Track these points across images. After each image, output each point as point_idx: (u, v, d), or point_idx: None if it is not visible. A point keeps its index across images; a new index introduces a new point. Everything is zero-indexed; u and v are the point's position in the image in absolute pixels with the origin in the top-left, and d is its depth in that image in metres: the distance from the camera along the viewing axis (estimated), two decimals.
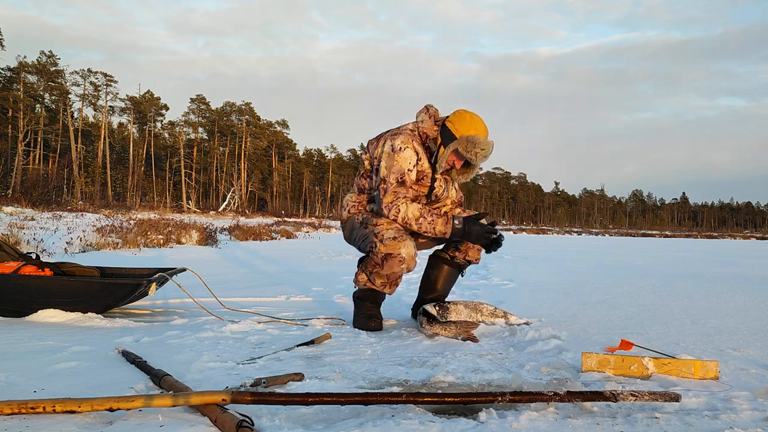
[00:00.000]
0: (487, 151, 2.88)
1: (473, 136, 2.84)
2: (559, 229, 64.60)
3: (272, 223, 25.33)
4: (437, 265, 3.19)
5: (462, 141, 2.85)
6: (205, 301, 3.50)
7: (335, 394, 1.58)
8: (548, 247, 14.54)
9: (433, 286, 3.18)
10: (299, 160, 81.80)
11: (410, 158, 2.91)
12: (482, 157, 2.88)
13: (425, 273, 3.24)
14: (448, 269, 3.18)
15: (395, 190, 2.90)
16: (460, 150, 2.87)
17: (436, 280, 3.17)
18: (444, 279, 3.18)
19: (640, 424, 1.52)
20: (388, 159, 2.92)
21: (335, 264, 7.60)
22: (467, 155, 2.87)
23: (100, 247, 8.75)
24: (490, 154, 2.91)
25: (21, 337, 2.64)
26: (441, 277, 3.17)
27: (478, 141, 2.84)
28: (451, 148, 2.88)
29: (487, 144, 2.87)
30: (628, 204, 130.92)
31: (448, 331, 2.74)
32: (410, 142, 2.93)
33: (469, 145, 2.84)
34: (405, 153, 2.91)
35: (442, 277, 3.18)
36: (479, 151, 2.86)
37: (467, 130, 2.85)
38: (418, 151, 2.95)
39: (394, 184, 2.90)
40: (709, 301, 4.04)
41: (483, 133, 2.88)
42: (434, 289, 3.17)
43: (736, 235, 65.91)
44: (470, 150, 2.85)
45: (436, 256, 3.22)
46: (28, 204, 17.08)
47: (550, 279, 5.54)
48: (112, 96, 59.50)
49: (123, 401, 1.54)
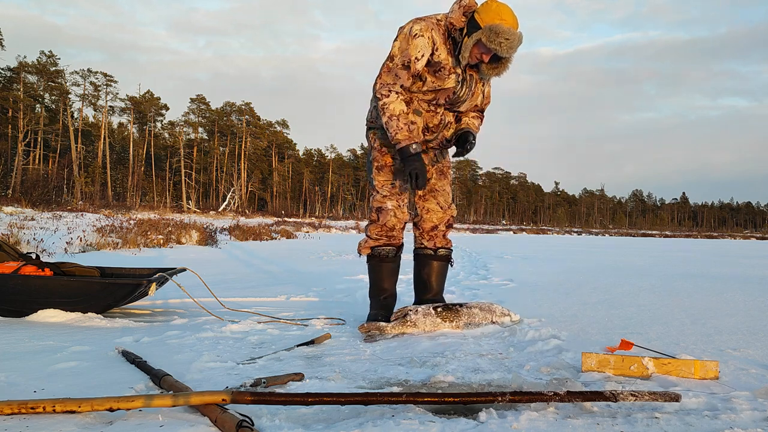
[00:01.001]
0: (512, 41, 2.73)
1: (497, 25, 2.69)
2: (559, 229, 64.60)
3: (272, 223, 25.33)
4: (426, 263, 3.18)
5: (485, 31, 2.73)
6: (205, 301, 3.50)
7: (335, 394, 1.58)
8: (548, 247, 14.54)
9: (426, 285, 3.18)
10: (299, 160, 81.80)
11: (422, 47, 2.83)
12: (507, 47, 2.74)
13: (415, 274, 3.23)
14: (438, 264, 3.18)
15: (397, 72, 2.87)
16: (483, 40, 2.73)
17: (429, 279, 3.17)
18: (436, 276, 3.18)
19: (640, 424, 1.52)
20: (403, 41, 2.86)
21: (335, 264, 7.60)
22: (490, 45, 2.73)
23: (100, 247, 8.75)
24: (516, 45, 2.77)
25: (21, 337, 2.64)
26: (433, 275, 3.17)
27: (501, 30, 2.69)
28: (473, 39, 2.77)
29: (512, 34, 2.71)
30: (628, 204, 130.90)
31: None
32: (429, 30, 2.85)
33: (492, 34, 2.70)
34: (418, 40, 2.83)
35: (434, 274, 3.17)
36: (503, 41, 2.71)
37: (492, 20, 2.71)
38: (436, 40, 2.85)
39: (397, 66, 2.86)
40: (709, 301, 4.04)
41: (508, 21, 2.73)
42: (429, 288, 3.17)
43: (736, 235, 65.91)
44: (493, 40, 2.71)
45: (421, 254, 3.20)
46: (28, 204, 17.08)
47: (550, 279, 5.54)
48: (112, 96, 59.54)
49: (123, 401, 1.54)
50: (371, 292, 3.18)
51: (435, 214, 3.15)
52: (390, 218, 3.06)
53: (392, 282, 3.15)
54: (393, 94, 2.86)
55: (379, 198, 3.08)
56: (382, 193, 3.07)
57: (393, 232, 3.10)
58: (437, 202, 3.16)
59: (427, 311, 2.87)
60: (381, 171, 3.07)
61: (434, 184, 3.15)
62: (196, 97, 69.19)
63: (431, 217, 3.15)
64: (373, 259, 3.13)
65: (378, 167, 3.08)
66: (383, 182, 3.07)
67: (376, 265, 3.12)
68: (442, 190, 3.16)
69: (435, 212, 3.15)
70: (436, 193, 3.15)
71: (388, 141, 2.99)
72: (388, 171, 3.06)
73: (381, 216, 3.07)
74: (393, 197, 3.07)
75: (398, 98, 2.87)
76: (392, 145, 2.94)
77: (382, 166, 3.07)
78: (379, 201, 3.08)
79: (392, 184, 3.07)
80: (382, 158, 3.07)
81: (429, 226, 3.16)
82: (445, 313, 2.88)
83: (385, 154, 3.06)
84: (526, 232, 47.26)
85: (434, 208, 3.15)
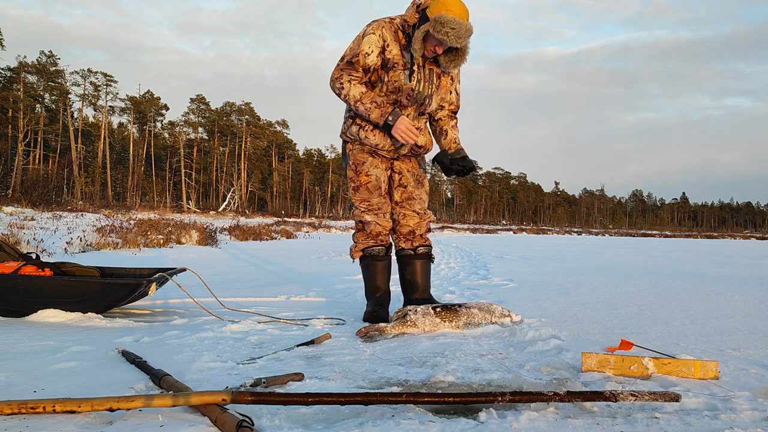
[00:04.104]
0: (459, 30, 2.73)
1: (442, 15, 2.71)
2: (559, 229, 64.60)
3: (272, 223, 25.34)
4: (407, 263, 3.24)
5: (432, 22, 2.75)
6: (205, 301, 3.50)
7: (335, 394, 1.58)
8: (548, 247, 14.53)
9: (412, 284, 3.23)
10: (299, 160, 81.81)
11: (371, 43, 2.90)
12: (454, 36, 2.74)
13: (400, 276, 3.29)
14: (420, 263, 3.24)
15: (342, 68, 2.95)
16: (431, 32, 2.76)
17: (413, 278, 3.22)
18: (420, 274, 3.23)
19: (640, 424, 1.52)
20: (354, 41, 2.96)
21: (335, 264, 7.60)
22: (438, 36, 2.74)
23: (100, 247, 8.75)
24: (464, 34, 2.77)
25: (21, 337, 2.64)
26: (417, 273, 3.23)
27: (446, 20, 2.70)
28: (422, 31, 2.80)
29: (457, 23, 2.72)
30: (628, 204, 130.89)
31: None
32: (379, 28, 2.91)
33: (437, 25, 2.72)
34: (367, 38, 2.91)
35: (419, 273, 3.23)
36: (449, 30, 2.72)
37: (438, 11, 2.74)
38: (387, 37, 2.90)
39: (343, 63, 2.95)
40: (709, 301, 4.03)
41: (454, 12, 2.74)
42: (416, 287, 3.23)
43: (736, 235, 65.81)
44: (440, 30, 2.72)
45: (401, 255, 3.26)
46: (28, 204, 17.09)
47: (550, 279, 5.54)
48: (112, 96, 59.58)
49: (123, 401, 1.54)
50: (366, 291, 3.24)
51: (411, 219, 3.23)
52: (374, 227, 3.18)
53: (385, 279, 3.22)
54: (346, 83, 2.94)
55: (358, 213, 3.20)
56: (360, 208, 3.18)
57: (379, 237, 3.20)
58: (413, 210, 3.23)
59: (427, 311, 2.88)
60: (357, 191, 3.16)
61: (411, 192, 3.22)
62: (196, 97, 69.26)
63: (408, 221, 3.23)
64: (365, 258, 3.21)
65: (354, 187, 3.17)
66: (361, 200, 3.17)
67: (369, 264, 3.20)
68: (419, 198, 3.23)
69: (411, 217, 3.23)
70: (412, 201, 3.22)
71: (361, 158, 3.12)
72: (364, 190, 3.15)
73: (365, 226, 3.20)
74: (371, 212, 3.17)
75: (352, 84, 2.94)
76: (363, 162, 3.10)
77: (358, 186, 3.15)
78: (359, 216, 3.20)
79: (368, 201, 3.15)
80: (357, 178, 3.15)
81: (406, 230, 3.24)
82: (444, 313, 2.88)
83: (360, 173, 3.14)
84: (526, 232, 47.25)
85: (411, 215, 3.23)
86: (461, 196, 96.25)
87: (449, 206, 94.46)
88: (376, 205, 3.15)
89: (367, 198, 3.15)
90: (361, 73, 2.94)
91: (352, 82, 2.93)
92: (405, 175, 3.20)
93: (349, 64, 2.93)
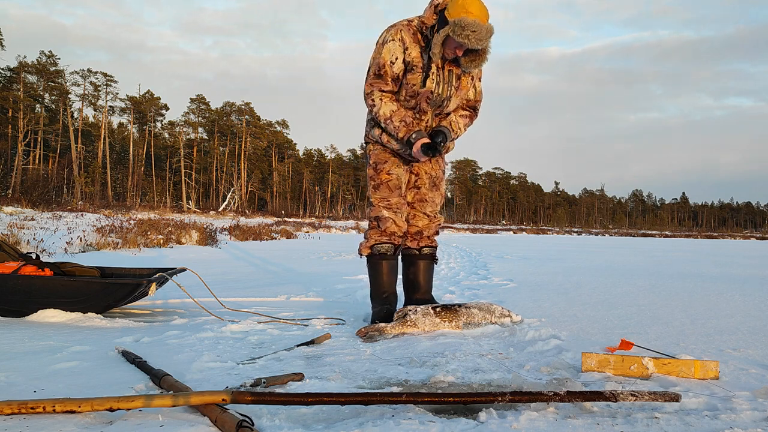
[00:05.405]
0: (479, 33, 2.72)
1: (462, 18, 2.70)
2: (559, 229, 64.59)
3: (272, 223, 25.34)
4: (411, 262, 3.26)
5: (452, 25, 2.74)
6: (205, 301, 3.51)
7: (335, 394, 1.58)
8: (548, 247, 14.53)
9: (414, 284, 3.25)
10: (299, 160, 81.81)
11: (393, 50, 2.90)
12: (475, 39, 2.73)
13: (403, 274, 3.31)
14: (424, 263, 3.25)
15: (372, 82, 2.96)
16: (451, 35, 2.75)
17: (416, 278, 3.24)
18: (423, 274, 3.25)
19: (640, 424, 1.52)
20: (375, 50, 2.96)
21: (335, 264, 7.60)
22: (458, 39, 2.73)
23: (100, 247, 8.75)
24: (485, 36, 2.76)
25: (21, 337, 2.64)
26: (420, 273, 3.24)
27: (467, 23, 2.69)
28: (442, 35, 2.79)
29: (478, 26, 2.71)
30: (628, 204, 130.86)
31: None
32: (398, 33, 2.91)
33: (458, 28, 2.71)
34: (389, 45, 2.90)
35: (421, 273, 3.25)
36: (470, 33, 2.71)
37: (458, 13, 2.72)
38: (406, 41, 2.90)
39: (372, 76, 2.96)
40: (709, 301, 4.03)
41: (474, 14, 2.72)
42: (418, 287, 3.24)
43: (736, 235, 65.81)
44: (460, 33, 2.71)
45: (406, 254, 3.27)
46: (28, 204, 17.09)
47: (550, 279, 5.54)
48: (112, 96, 59.57)
49: (123, 401, 1.54)
50: (372, 292, 3.22)
51: (421, 220, 3.24)
52: (390, 225, 3.15)
53: (392, 280, 3.20)
54: (377, 100, 2.95)
55: (376, 210, 3.18)
56: (379, 206, 3.17)
57: (393, 237, 3.19)
58: (424, 212, 3.24)
59: (427, 311, 2.88)
60: (378, 189, 3.15)
61: (425, 194, 3.22)
62: (196, 97, 69.24)
63: (417, 222, 3.24)
64: (372, 257, 3.19)
65: (374, 186, 3.18)
66: (380, 198, 3.16)
67: (376, 263, 3.18)
68: (431, 201, 3.24)
69: (421, 219, 3.24)
70: (424, 204, 3.23)
71: (383, 157, 3.12)
72: (385, 188, 3.14)
73: (380, 223, 3.16)
74: (390, 210, 3.15)
75: (384, 101, 2.95)
76: (384, 161, 3.10)
77: (378, 184, 3.16)
78: (377, 212, 3.17)
79: (388, 201, 3.15)
80: (377, 176, 3.15)
81: (414, 230, 3.25)
82: (444, 313, 2.88)
83: (381, 171, 3.14)
84: (526, 232, 47.25)
85: (421, 216, 3.24)
86: (461, 196, 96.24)
87: (449, 206, 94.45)
88: (395, 205, 3.15)
89: (387, 197, 3.14)
90: (391, 84, 2.94)
91: (383, 99, 2.94)
92: (422, 177, 3.21)
93: (377, 77, 2.93)
